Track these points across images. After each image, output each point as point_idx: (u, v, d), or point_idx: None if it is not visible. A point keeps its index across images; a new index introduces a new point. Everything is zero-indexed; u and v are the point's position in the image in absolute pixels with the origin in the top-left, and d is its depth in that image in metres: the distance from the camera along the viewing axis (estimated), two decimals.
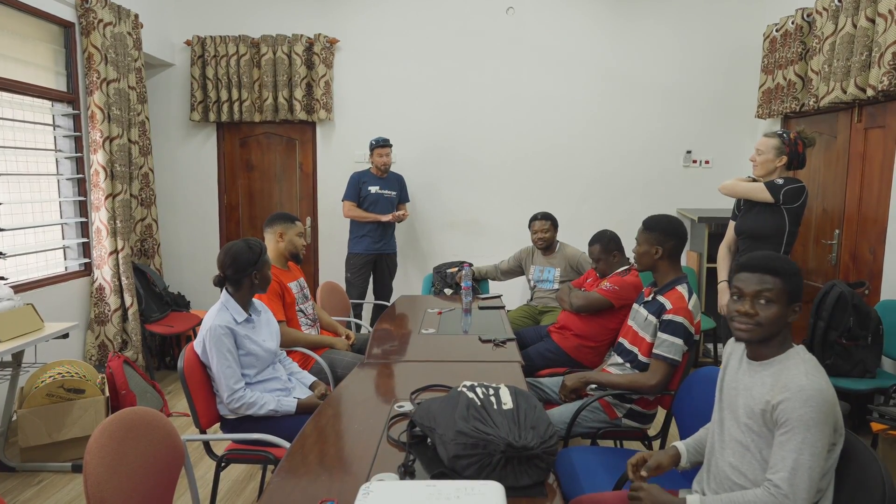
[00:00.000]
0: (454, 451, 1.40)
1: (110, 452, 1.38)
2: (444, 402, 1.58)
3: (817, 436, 1.25)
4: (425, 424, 1.56)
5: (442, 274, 3.96)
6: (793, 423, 1.27)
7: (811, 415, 1.25)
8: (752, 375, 1.42)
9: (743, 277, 1.43)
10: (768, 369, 1.39)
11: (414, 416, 1.64)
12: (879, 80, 2.94)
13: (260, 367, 2.24)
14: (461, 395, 1.54)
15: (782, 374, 1.34)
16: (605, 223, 3.69)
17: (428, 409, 1.59)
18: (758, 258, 1.43)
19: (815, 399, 1.26)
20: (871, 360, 2.81)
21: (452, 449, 1.40)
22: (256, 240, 2.33)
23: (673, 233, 2.25)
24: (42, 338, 2.75)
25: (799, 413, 1.26)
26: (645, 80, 4.61)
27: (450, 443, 1.42)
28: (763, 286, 1.39)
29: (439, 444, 1.47)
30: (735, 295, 1.44)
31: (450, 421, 1.46)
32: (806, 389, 1.27)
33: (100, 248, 3.86)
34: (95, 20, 3.70)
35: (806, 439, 1.25)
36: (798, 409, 1.26)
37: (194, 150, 4.88)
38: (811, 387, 1.27)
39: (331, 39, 4.64)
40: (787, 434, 1.27)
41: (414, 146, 4.73)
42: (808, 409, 1.26)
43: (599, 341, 2.84)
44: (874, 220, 3.26)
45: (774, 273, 1.39)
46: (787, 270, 1.39)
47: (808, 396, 1.26)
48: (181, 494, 2.51)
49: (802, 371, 1.31)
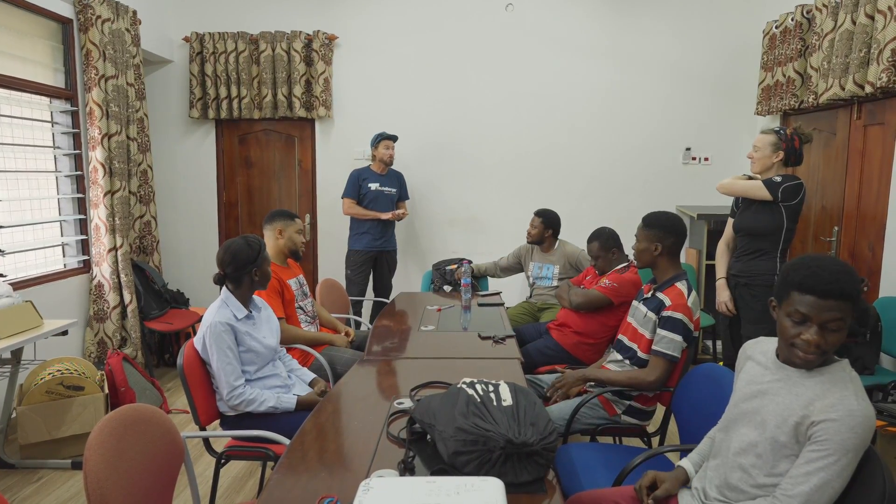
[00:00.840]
0: (454, 447, 1.40)
1: (111, 449, 1.38)
2: (444, 398, 1.58)
3: (851, 461, 1.22)
4: (425, 421, 1.56)
5: (441, 271, 3.96)
6: (833, 445, 1.22)
7: (854, 441, 1.21)
8: (789, 382, 1.34)
9: (809, 302, 1.26)
10: (810, 380, 1.31)
11: (414, 413, 1.64)
12: (878, 77, 2.93)
13: (260, 363, 2.24)
14: (461, 392, 1.54)
15: (830, 392, 1.27)
16: (604, 220, 3.69)
17: (428, 406, 1.60)
18: (827, 280, 1.25)
19: (863, 426, 1.21)
20: (870, 356, 2.82)
21: (452, 445, 1.40)
22: (256, 237, 2.33)
23: (672, 230, 2.25)
24: (41, 335, 2.75)
25: (843, 437, 1.21)
26: (644, 77, 4.61)
27: (449, 439, 1.42)
28: (834, 314, 1.25)
29: (439, 441, 1.47)
30: (795, 318, 1.29)
31: (449, 417, 1.46)
32: (856, 415, 1.21)
33: (98, 245, 3.85)
34: (93, 16, 3.69)
35: (839, 462, 1.21)
36: (843, 432, 1.21)
37: (193, 147, 4.87)
38: (861, 413, 1.22)
39: (330, 36, 4.63)
40: (821, 453, 1.23)
41: (413, 143, 4.73)
42: (853, 434, 1.21)
43: (599, 338, 2.84)
44: (873, 217, 3.27)
45: (847, 298, 1.25)
46: (856, 290, 1.26)
47: (857, 423, 1.21)
48: (181, 491, 2.51)
49: (852, 392, 1.25)
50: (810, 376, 1.32)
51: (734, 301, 2.95)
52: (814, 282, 1.26)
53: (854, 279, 1.26)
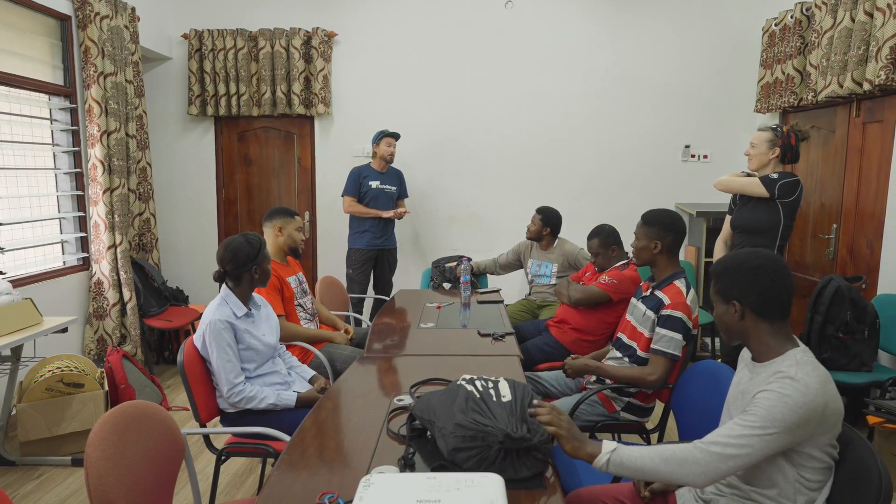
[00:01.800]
0: (453, 443, 1.40)
1: (112, 445, 1.39)
2: (444, 395, 1.59)
3: (779, 437, 1.22)
4: (425, 417, 1.57)
5: (441, 268, 3.96)
6: (762, 412, 1.23)
7: (784, 414, 1.21)
8: (754, 377, 1.39)
9: None
10: (765, 370, 1.35)
11: (414, 410, 1.64)
12: (877, 75, 2.94)
13: (260, 361, 2.25)
14: (460, 389, 1.55)
15: (777, 373, 1.30)
16: (603, 217, 3.69)
17: (428, 403, 1.60)
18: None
19: (794, 399, 1.21)
20: (868, 353, 2.83)
21: (452, 441, 1.41)
22: (255, 234, 2.33)
23: (672, 227, 2.26)
24: (41, 332, 2.75)
25: (770, 404, 1.22)
26: (644, 75, 4.61)
27: (449, 435, 1.42)
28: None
29: (439, 437, 1.48)
30: None
31: (449, 414, 1.47)
32: (789, 388, 1.23)
33: (98, 242, 3.85)
34: (92, 13, 3.68)
35: (766, 431, 1.22)
36: (774, 401, 1.22)
37: (192, 144, 4.87)
38: (796, 388, 1.22)
39: (329, 33, 4.62)
40: (749, 420, 1.24)
41: (413, 140, 4.72)
42: (783, 406, 1.21)
43: (598, 335, 2.85)
44: (872, 214, 3.27)
45: (712, 275, 1.45)
46: (716, 270, 1.43)
47: (788, 395, 1.22)
48: (182, 487, 2.52)
49: (794, 372, 1.26)
50: (768, 366, 1.35)
51: None
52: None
53: (722, 261, 1.43)
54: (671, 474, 1.29)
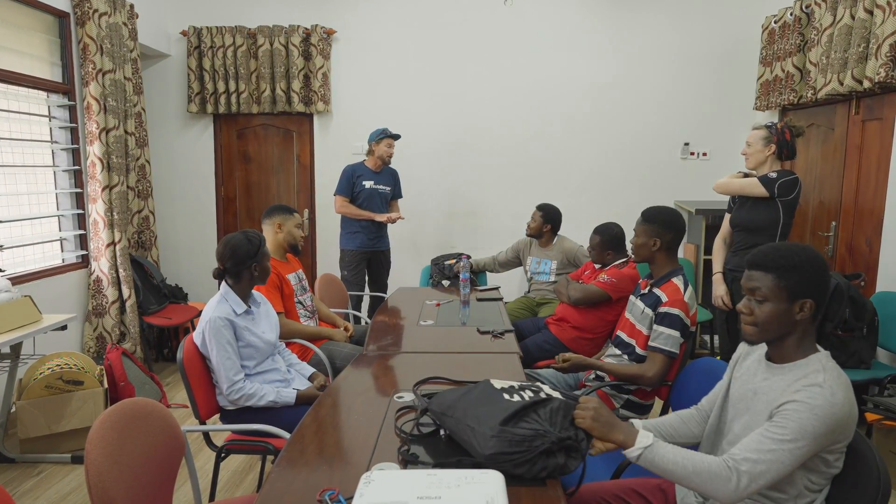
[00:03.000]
0: (497, 447, 1.34)
1: (112, 442, 1.39)
2: (471, 395, 1.51)
3: (809, 446, 1.20)
4: (447, 415, 1.51)
5: (440, 266, 3.96)
6: (793, 425, 1.20)
7: (815, 426, 1.19)
8: (771, 378, 1.34)
9: (744, 275, 1.38)
10: (787, 374, 1.32)
11: (431, 407, 1.60)
12: (876, 72, 2.94)
13: (259, 358, 2.25)
14: (497, 392, 1.48)
15: (801, 380, 1.27)
16: (602, 215, 3.69)
17: (448, 402, 1.54)
18: (754, 253, 1.36)
19: (825, 412, 1.19)
20: (867, 351, 2.83)
21: (494, 445, 1.34)
22: (255, 232, 2.33)
23: (671, 226, 2.26)
24: (40, 329, 2.75)
25: (804, 419, 1.19)
26: (643, 72, 4.61)
27: (490, 439, 1.35)
28: (752, 283, 1.32)
29: (471, 437, 1.40)
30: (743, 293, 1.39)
31: (486, 417, 1.40)
32: (818, 399, 1.20)
33: (97, 239, 3.85)
34: (90, 10, 3.67)
35: (795, 443, 1.19)
36: (804, 414, 1.19)
37: (191, 141, 4.86)
38: (825, 399, 1.20)
39: (328, 30, 4.61)
40: (779, 432, 1.21)
41: (412, 138, 4.71)
42: (814, 418, 1.19)
43: (597, 333, 2.85)
44: (871, 212, 3.28)
45: (764, 269, 1.31)
46: (782, 265, 1.29)
47: (819, 407, 1.19)
48: (182, 484, 2.52)
49: (823, 378, 1.24)
50: (790, 369, 1.32)
51: (730, 295, 2.97)
52: (749, 256, 1.37)
53: (783, 254, 1.30)
54: (701, 486, 1.25)
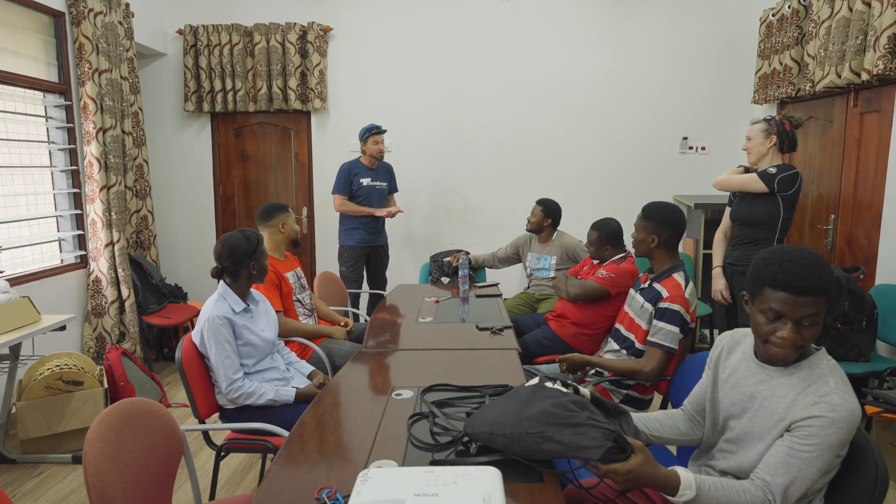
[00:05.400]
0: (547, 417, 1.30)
1: (110, 443, 1.39)
2: (519, 403, 1.41)
3: (832, 455, 1.21)
4: (496, 433, 1.38)
5: (439, 263, 3.96)
6: (817, 440, 1.20)
7: (838, 437, 1.19)
8: (772, 383, 1.32)
9: (782, 298, 1.22)
10: (792, 377, 1.29)
11: (470, 430, 1.45)
12: (874, 64, 2.93)
13: (258, 357, 2.25)
14: (542, 390, 1.42)
15: (811, 387, 1.25)
16: (601, 210, 3.70)
17: (496, 421, 1.42)
18: (800, 276, 1.21)
19: (847, 422, 1.19)
20: (866, 343, 2.83)
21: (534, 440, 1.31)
22: (253, 230, 2.33)
23: (670, 222, 2.25)
24: (39, 330, 2.75)
25: (827, 433, 1.19)
26: (641, 67, 4.59)
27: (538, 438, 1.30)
28: (809, 310, 1.22)
29: (516, 447, 1.34)
30: (770, 315, 1.26)
31: (539, 415, 1.33)
32: (840, 411, 1.19)
33: (95, 240, 3.84)
34: (86, 9, 3.66)
35: (821, 457, 1.20)
36: (828, 429, 1.19)
37: (189, 140, 4.85)
38: (845, 408, 1.19)
39: (324, 27, 4.60)
40: (804, 448, 1.21)
41: (409, 135, 4.72)
42: (837, 430, 1.19)
43: (596, 329, 2.85)
44: (869, 204, 3.27)
45: (821, 293, 1.21)
46: (829, 284, 1.21)
47: (841, 419, 1.19)
48: (181, 484, 2.53)
49: (833, 386, 1.23)
50: (791, 373, 1.30)
51: (730, 290, 2.97)
52: (788, 278, 1.22)
53: (826, 272, 1.22)
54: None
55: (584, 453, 1.24)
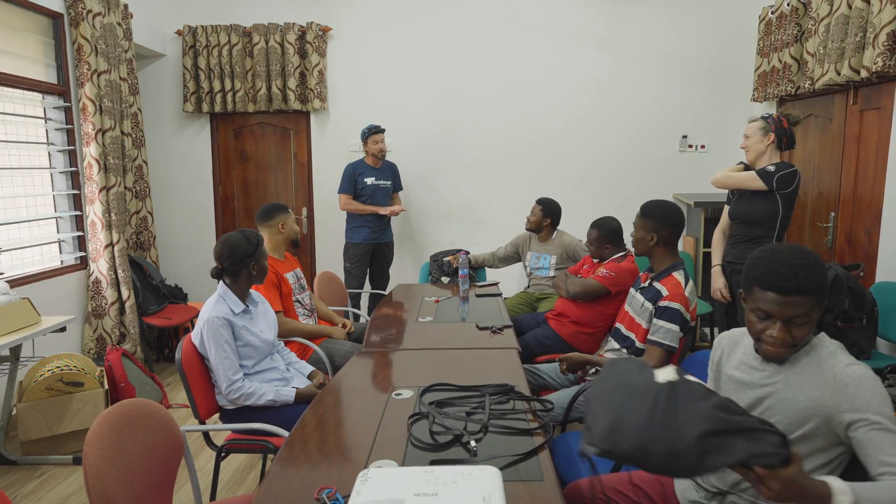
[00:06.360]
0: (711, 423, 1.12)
1: (110, 444, 1.39)
2: (662, 405, 1.15)
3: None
4: (653, 451, 1.12)
5: (439, 262, 3.96)
6: (883, 417, 1.16)
7: (887, 400, 1.17)
8: (777, 377, 1.31)
9: (770, 298, 1.23)
10: (796, 363, 1.30)
11: (598, 443, 1.16)
12: (874, 62, 2.93)
13: (258, 357, 2.25)
14: (686, 385, 1.18)
15: (824, 369, 1.25)
16: (601, 209, 3.69)
17: (638, 430, 1.14)
18: (786, 276, 1.21)
19: (874, 381, 1.19)
20: (867, 341, 2.83)
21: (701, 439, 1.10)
22: (253, 231, 2.33)
23: (669, 221, 2.25)
24: (39, 331, 2.75)
25: (876, 403, 1.17)
26: (640, 65, 4.59)
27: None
28: (796, 310, 1.22)
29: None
30: (759, 315, 1.27)
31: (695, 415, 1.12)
32: (867, 370, 1.20)
33: (95, 241, 3.84)
34: (84, 10, 3.66)
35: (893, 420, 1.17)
36: (869, 397, 1.17)
37: (188, 141, 4.85)
38: (864, 374, 1.20)
39: (323, 27, 4.60)
40: (882, 424, 1.15)
41: (409, 134, 4.71)
42: (877, 396, 1.18)
43: (597, 328, 2.85)
44: (869, 202, 3.27)
45: (808, 293, 1.21)
46: (818, 283, 1.21)
47: (871, 373, 1.19)
48: (182, 485, 2.53)
49: (847, 361, 1.23)
50: (797, 359, 1.30)
51: (729, 288, 2.96)
52: (773, 278, 1.22)
53: (815, 272, 1.21)
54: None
55: (760, 461, 1.08)
